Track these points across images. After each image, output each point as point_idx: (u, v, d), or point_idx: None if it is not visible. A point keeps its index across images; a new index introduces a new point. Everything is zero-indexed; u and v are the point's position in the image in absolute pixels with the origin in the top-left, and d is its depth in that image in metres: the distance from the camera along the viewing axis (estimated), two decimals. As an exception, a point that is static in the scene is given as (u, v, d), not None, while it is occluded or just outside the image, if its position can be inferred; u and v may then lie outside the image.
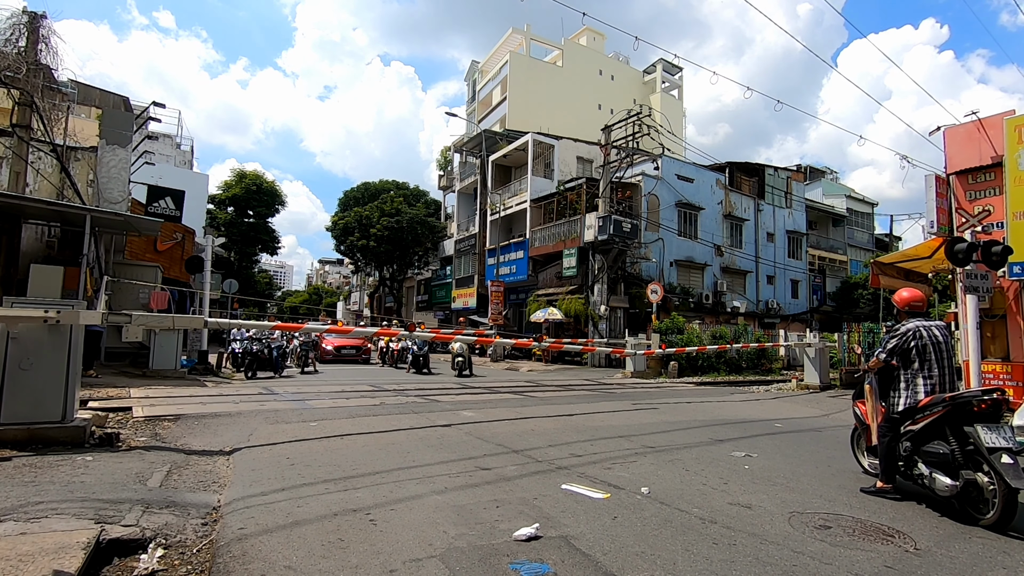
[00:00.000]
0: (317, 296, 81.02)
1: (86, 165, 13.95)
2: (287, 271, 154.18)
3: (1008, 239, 8.93)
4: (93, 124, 15.53)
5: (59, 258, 12.09)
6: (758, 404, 11.03)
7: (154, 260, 15.21)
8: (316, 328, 13.93)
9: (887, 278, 11.02)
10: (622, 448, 5.98)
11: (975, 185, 10.11)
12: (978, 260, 7.26)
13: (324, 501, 3.87)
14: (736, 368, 18.32)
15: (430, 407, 8.99)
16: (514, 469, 4.95)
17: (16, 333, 4.99)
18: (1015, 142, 9.17)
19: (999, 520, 3.67)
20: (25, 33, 10.71)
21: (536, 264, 26.33)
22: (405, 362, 17.95)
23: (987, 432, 3.82)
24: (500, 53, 44.04)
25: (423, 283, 41.54)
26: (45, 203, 10.45)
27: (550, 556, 3.00)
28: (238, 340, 15.31)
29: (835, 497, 4.39)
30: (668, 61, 47.47)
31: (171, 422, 6.87)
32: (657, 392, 12.71)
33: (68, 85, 16.49)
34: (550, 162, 28.89)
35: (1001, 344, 9.64)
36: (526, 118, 37.26)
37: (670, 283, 23.86)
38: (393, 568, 2.82)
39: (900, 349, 4.44)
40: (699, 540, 3.33)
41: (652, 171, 24.57)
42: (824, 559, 3.11)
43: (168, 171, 27.16)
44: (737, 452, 5.96)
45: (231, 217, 39.17)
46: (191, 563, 2.90)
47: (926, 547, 3.38)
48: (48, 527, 3.03)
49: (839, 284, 31.97)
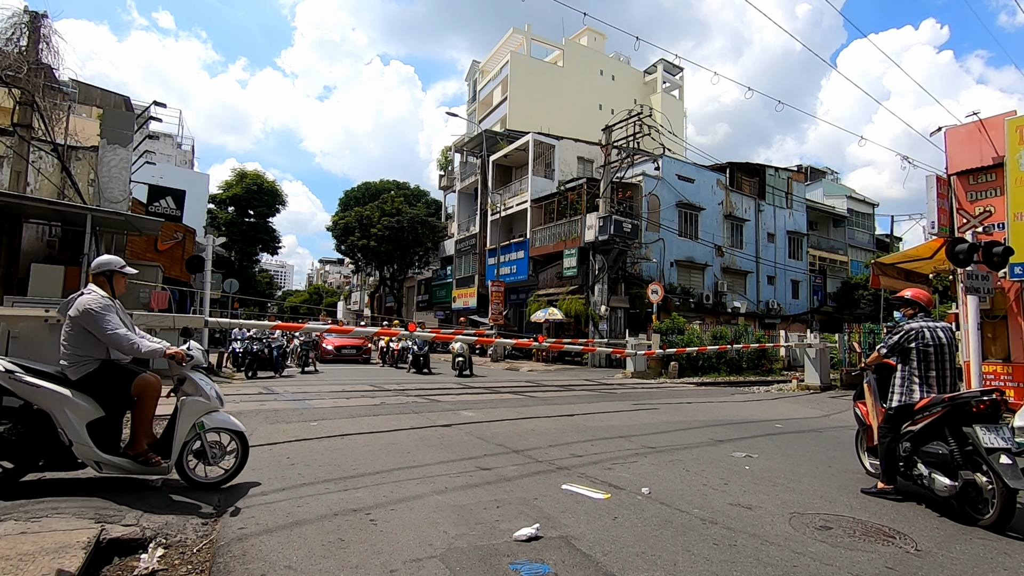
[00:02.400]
0: (317, 296, 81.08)
1: (87, 164, 13.96)
2: (287, 271, 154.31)
3: (1009, 240, 8.92)
4: (94, 124, 15.55)
5: (60, 257, 12.10)
6: (758, 404, 11.03)
7: (155, 259, 15.23)
8: (316, 328, 13.91)
9: (888, 279, 11.02)
10: (622, 448, 5.98)
11: (976, 186, 10.10)
12: (979, 261, 7.26)
13: (324, 501, 3.88)
14: (736, 368, 18.31)
15: (430, 407, 8.99)
16: (514, 469, 4.95)
17: (17, 332, 5.00)
18: (1016, 143, 9.16)
19: (998, 520, 3.67)
20: (26, 32, 10.73)
21: (536, 264, 26.34)
22: (405, 362, 17.96)
23: (986, 433, 3.82)
24: (501, 53, 44.05)
25: (423, 283, 41.56)
26: (46, 202, 10.47)
27: (550, 556, 3.00)
28: (238, 340, 15.32)
29: (836, 498, 4.39)
30: (669, 61, 47.48)
31: (171, 422, 6.86)
32: (657, 392, 12.71)
33: (69, 85, 16.51)
34: (551, 162, 28.89)
35: (1002, 345, 9.63)
36: (527, 118, 37.26)
37: (670, 283, 23.85)
38: (393, 568, 2.82)
39: (901, 347, 4.45)
40: (699, 541, 3.33)
41: (653, 171, 24.57)
42: (825, 560, 3.11)
43: (169, 171, 27.18)
44: (737, 453, 5.96)
45: (232, 217, 39.16)
46: (191, 563, 2.90)
47: (927, 548, 3.37)
48: (48, 526, 3.03)
49: (840, 285, 31.98)
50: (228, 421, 4.23)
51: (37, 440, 3.59)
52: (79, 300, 3.84)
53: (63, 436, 3.59)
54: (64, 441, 3.60)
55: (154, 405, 3.96)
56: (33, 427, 3.58)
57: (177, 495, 3.92)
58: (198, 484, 4.08)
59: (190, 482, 4.08)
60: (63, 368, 3.76)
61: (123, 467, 3.76)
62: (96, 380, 3.77)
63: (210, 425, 4.11)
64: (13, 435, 3.54)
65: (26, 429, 3.58)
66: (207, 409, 4.09)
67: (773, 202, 29.65)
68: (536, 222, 26.80)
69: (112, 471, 3.77)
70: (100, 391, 3.78)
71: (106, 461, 3.70)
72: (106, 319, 3.75)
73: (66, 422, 3.59)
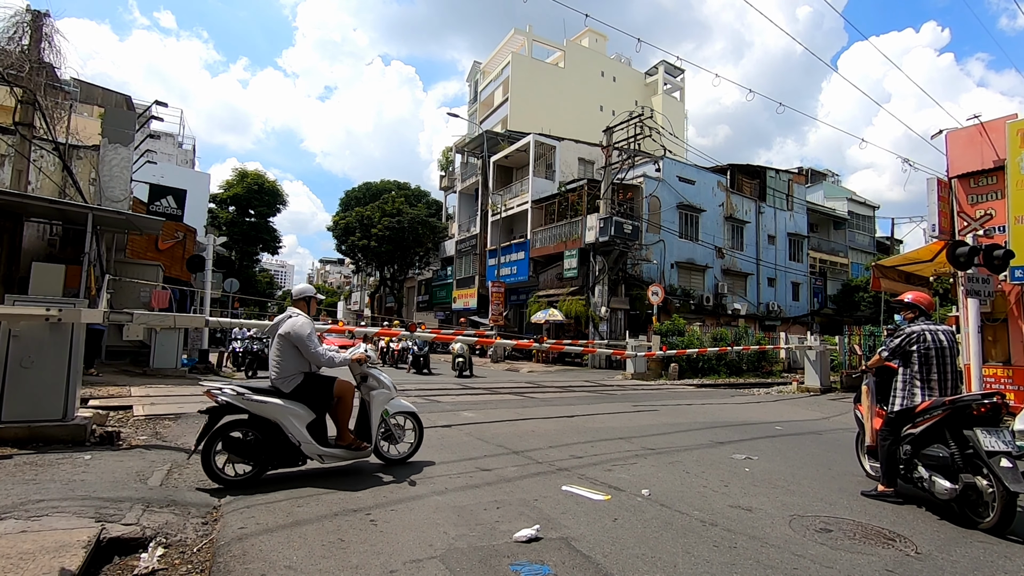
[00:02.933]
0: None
1: (88, 163, 13.97)
2: (288, 271, 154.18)
3: (1010, 243, 8.91)
4: (95, 123, 15.56)
5: (61, 256, 12.11)
6: (759, 406, 11.02)
7: (155, 259, 15.23)
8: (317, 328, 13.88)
9: (888, 281, 11.00)
10: (622, 450, 5.98)
11: (977, 189, 10.10)
12: (980, 264, 7.25)
13: (324, 501, 3.88)
14: (737, 370, 18.30)
15: (431, 407, 8.99)
16: (514, 470, 4.95)
17: (18, 331, 5.00)
18: (1017, 146, 9.16)
19: (998, 523, 3.67)
20: (28, 31, 10.73)
21: (537, 265, 26.34)
22: (405, 362, 17.97)
23: (986, 436, 3.82)
24: (502, 54, 44.11)
25: (424, 283, 41.55)
26: (47, 201, 10.47)
27: (550, 558, 3.00)
28: (239, 339, 15.33)
29: (836, 500, 4.39)
30: (670, 63, 47.53)
31: (172, 421, 6.87)
32: (657, 394, 12.71)
33: (71, 84, 16.54)
34: (551, 163, 28.90)
35: (1002, 348, 9.61)
36: (528, 119, 37.29)
37: (671, 285, 23.85)
38: (393, 569, 2.82)
39: (902, 350, 4.45)
40: (700, 542, 3.33)
41: (653, 173, 24.57)
42: (825, 562, 3.10)
43: (170, 170, 27.21)
44: (738, 455, 5.96)
45: (232, 216, 39.17)
46: (191, 562, 2.90)
47: (927, 551, 3.37)
48: (49, 525, 3.03)
49: (840, 287, 31.96)
50: (405, 406, 5.11)
51: (271, 445, 4.30)
52: (290, 322, 4.56)
53: (292, 439, 4.33)
54: (294, 442, 4.33)
55: (352, 403, 4.71)
56: (266, 434, 4.30)
57: (178, 494, 3.92)
58: (391, 461, 4.94)
59: (384, 460, 4.92)
60: (275, 383, 4.48)
61: (340, 456, 4.56)
62: (304, 390, 4.49)
63: (392, 411, 4.97)
64: (252, 442, 4.27)
65: (262, 437, 4.29)
66: (389, 398, 4.92)
67: (774, 204, 29.64)
68: (537, 223, 26.80)
69: (332, 461, 4.57)
70: (308, 398, 4.49)
71: (327, 453, 4.47)
72: (312, 339, 4.50)
73: (291, 427, 4.32)
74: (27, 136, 10.87)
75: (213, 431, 4.16)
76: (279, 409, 4.31)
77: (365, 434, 4.70)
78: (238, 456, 4.22)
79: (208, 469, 4.10)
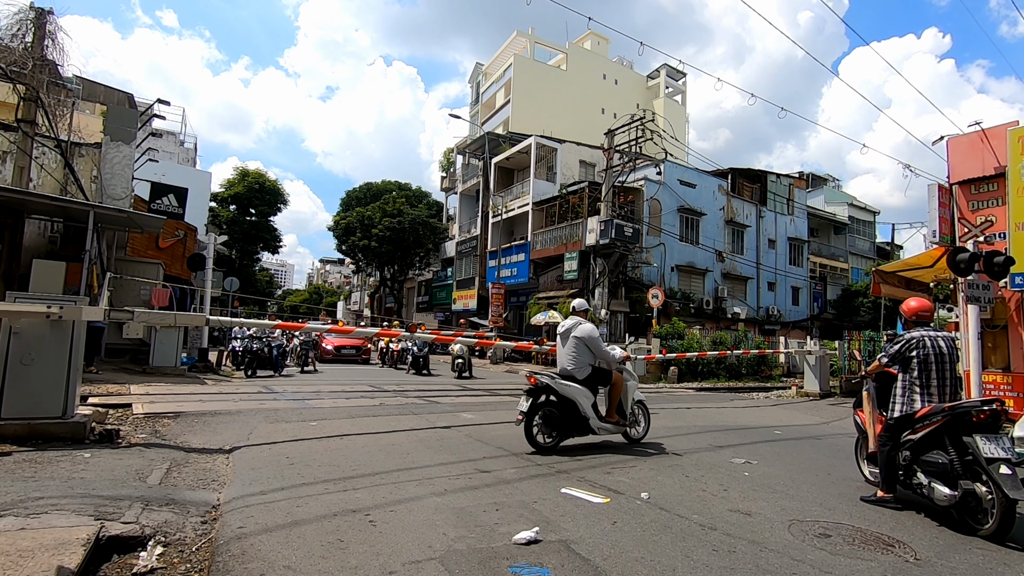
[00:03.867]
0: (317, 295, 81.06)
1: (90, 161, 13.98)
2: (288, 270, 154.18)
3: (1010, 250, 8.92)
4: (97, 120, 15.58)
5: (61, 254, 12.11)
6: (758, 411, 11.02)
7: (156, 257, 15.23)
8: (317, 328, 13.91)
9: (888, 287, 11.01)
10: (622, 453, 5.98)
11: (978, 195, 10.12)
12: (980, 270, 7.26)
13: (324, 501, 3.87)
14: (736, 374, 18.30)
15: (430, 408, 8.99)
16: (514, 472, 4.94)
17: (18, 328, 5.00)
18: (1018, 153, 9.18)
19: (997, 530, 3.67)
20: (31, 29, 10.75)
21: (537, 267, 26.34)
22: (405, 363, 17.94)
23: (986, 442, 3.82)
24: (504, 56, 44.19)
25: (424, 284, 41.56)
26: (48, 198, 10.48)
27: (549, 560, 3.00)
28: (238, 338, 15.32)
29: (835, 505, 4.38)
30: (672, 67, 47.59)
31: (171, 419, 6.87)
32: (657, 397, 12.70)
33: (73, 81, 16.55)
34: (553, 165, 28.93)
35: (1002, 354, 9.63)
36: (529, 121, 37.35)
37: (671, 288, 23.86)
38: (392, 570, 2.82)
39: (901, 356, 4.45)
40: (699, 546, 3.33)
41: (654, 176, 24.58)
42: (824, 568, 3.10)
43: (171, 168, 27.22)
44: (737, 459, 5.96)
45: (233, 215, 39.17)
46: (190, 561, 2.90)
47: (926, 557, 3.37)
48: (48, 523, 3.03)
49: (840, 292, 31.98)
50: (640, 396, 6.51)
51: (567, 419, 5.81)
52: (582, 327, 6.07)
53: (582, 413, 5.83)
54: (583, 416, 5.84)
55: (621, 390, 6.13)
56: (563, 412, 5.82)
57: (177, 493, 3.92)
58: (634, 440, 6.34)
59: (628, 439, 6.34)
60: (569, 371, 5.96)
61: (611, 430, 6.09)
62: (591, 378, 5.99)
63: (636, 398, 6.38)
64: (555, 416, 5.81)
65: (561, 413, 5.82)
66: (636, 388, 6.40)
67: (774, 208, 29.66)
68: (537, 225, 26.81)
69: (605, 433, 6.13)
70: (592, 384, 5.99)
71: (603, 427, 5.98)
72: (601, 341, 6.10)
73: (584, 406, 5.82)
74: (29, 133, 10.88)
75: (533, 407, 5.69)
76: (577, 391, 5.77)
77: (621, 415, 6.13)
78: (548, 427, 5.76)
79: (529, 436, 5.65)
